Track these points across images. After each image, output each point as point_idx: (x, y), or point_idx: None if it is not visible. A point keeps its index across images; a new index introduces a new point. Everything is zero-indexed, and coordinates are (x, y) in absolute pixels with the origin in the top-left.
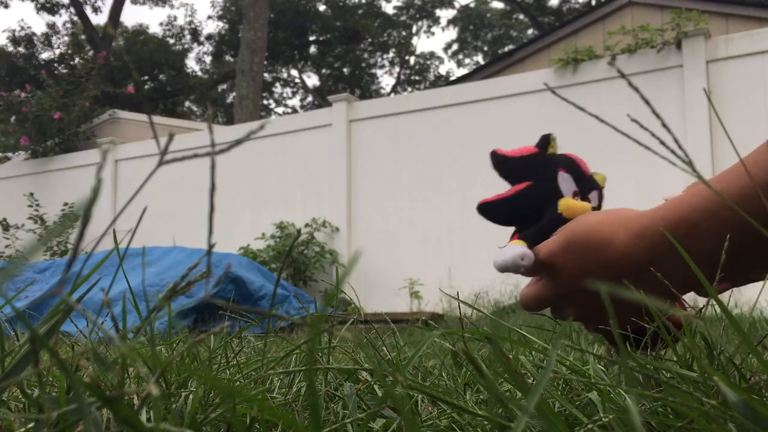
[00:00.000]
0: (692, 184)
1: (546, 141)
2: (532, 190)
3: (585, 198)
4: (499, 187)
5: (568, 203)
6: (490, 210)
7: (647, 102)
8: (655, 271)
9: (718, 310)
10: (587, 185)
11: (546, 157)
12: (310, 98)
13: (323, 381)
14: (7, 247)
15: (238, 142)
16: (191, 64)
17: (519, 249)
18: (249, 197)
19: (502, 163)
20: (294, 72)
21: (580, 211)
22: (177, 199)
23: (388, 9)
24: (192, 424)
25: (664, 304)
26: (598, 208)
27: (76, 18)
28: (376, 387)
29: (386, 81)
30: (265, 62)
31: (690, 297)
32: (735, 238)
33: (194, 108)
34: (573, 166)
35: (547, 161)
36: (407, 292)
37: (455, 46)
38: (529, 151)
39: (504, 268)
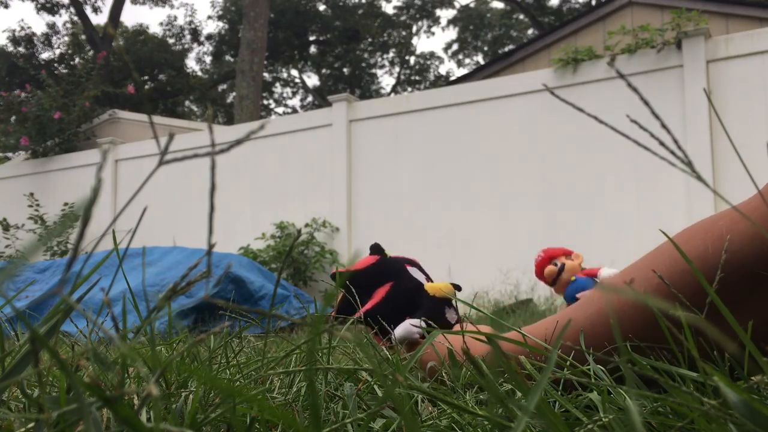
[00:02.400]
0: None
1: (379, 247)
2: (397, 288)
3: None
4: (498, 186)
5: (432, 286)
6: (373, 314)
7: (647, 103)
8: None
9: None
10: (426, 274)
11: (390, 259)
12: (310, 98)
13: (323, 381)
14: (7, 247)
15: (238, 142)
16: (191, 64)
17: (412, 321)
18: (249, 197)
19: (353, 278)
20: (294, 72)
21: (444, 287)
22: (177, 199)
23: (388, 9)
24: (192, 424)
25: None
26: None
27: (76, 18)
28: (376, 387)
29: (386, 81)
30: (265, 62)
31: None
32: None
33: (194, 108)
34: (411, 261)
35: (393, 262)
36: None
37: (455, 46)
38: (372, 260)
39: (402, 338)
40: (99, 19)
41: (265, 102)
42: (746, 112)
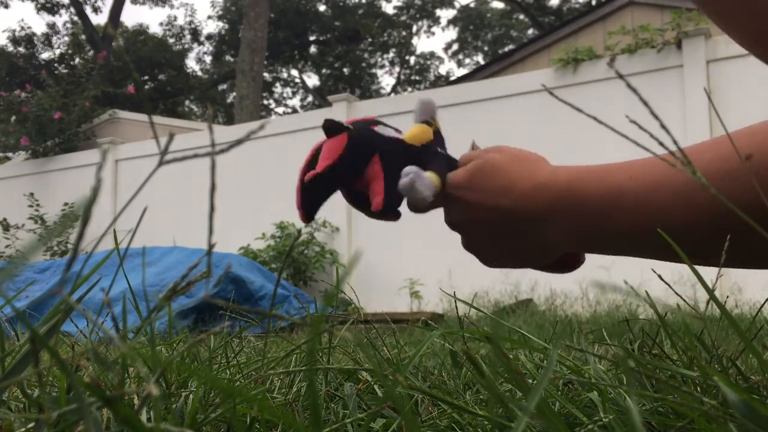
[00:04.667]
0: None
1: (337, 123)
2: (387, 160)
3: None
4: None
5: (409, 136)
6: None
7: (646, 103)
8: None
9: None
10: (394, 129)
11: (358, 129)
12: (310, 98)
13: (323, 381)
14: (7, 247)
15: (238, 142)
16: (191, 64)
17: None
18: (249, 197)
19: (334, 176)
20: (294, 72)
21: (421, 132)
22: (177, 199)
23: (388, 9)
24: (192, 424)
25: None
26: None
27: (76, 18)
28: (376, 387)
29: (386, 81)
30: (265, 62)
31: (690, 296)
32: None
33: (194, 108)
34: (374, 121)
35: (364, 131)
36: (407, 292)
37: (455, 46)
38: (342, 142)
39: (405, 187)
40: (99, 19)
41: (265, 102)
42: (746, 112)
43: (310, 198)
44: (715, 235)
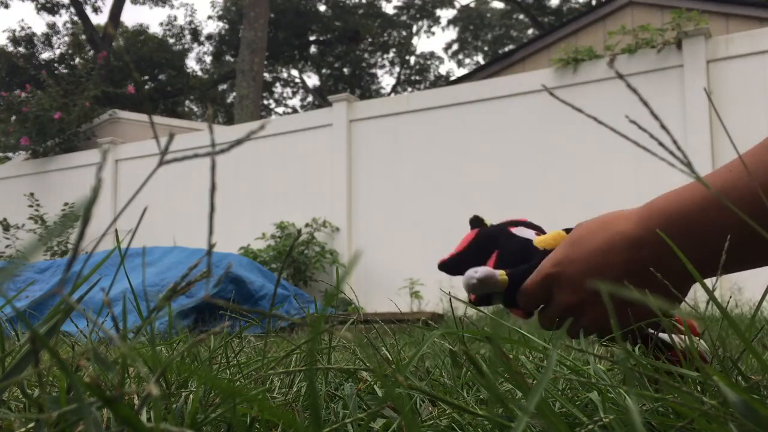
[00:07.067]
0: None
1: (478, 219)
2: (503, 254)
3: None
4: (498, 186)
5: (540, 240)
6: (450, 266)
7: (646, 103)
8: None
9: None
10: (537, 228)
11: (490, 228)
12: (310, 98)
13: (323, 381)
14: (7, 247)
15: (238, 142)
16: (191, 64)
17: (475, 268)
18: (249, 197)
19: (456, 264)
20: (294, 72)
21: (552, 239)
22: (177, 199)
23: (388, 9)
24: (192, 424)
25: (667, 302)
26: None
27: (76, 18)
28: (376, 387)
29: (386, 81)
30: (265, 62)
31: (690, 297)
32: (732, 237)
33: (194, 108)
34: (516, 222)
35: (493, 230)
36: (407, 292)
37: (455, 46)
38: (470, 236)
39: (466, 286)
40: (99, 19)
41: (265, 102)
42: (746, 112)
43: (450, 272)
44: None
